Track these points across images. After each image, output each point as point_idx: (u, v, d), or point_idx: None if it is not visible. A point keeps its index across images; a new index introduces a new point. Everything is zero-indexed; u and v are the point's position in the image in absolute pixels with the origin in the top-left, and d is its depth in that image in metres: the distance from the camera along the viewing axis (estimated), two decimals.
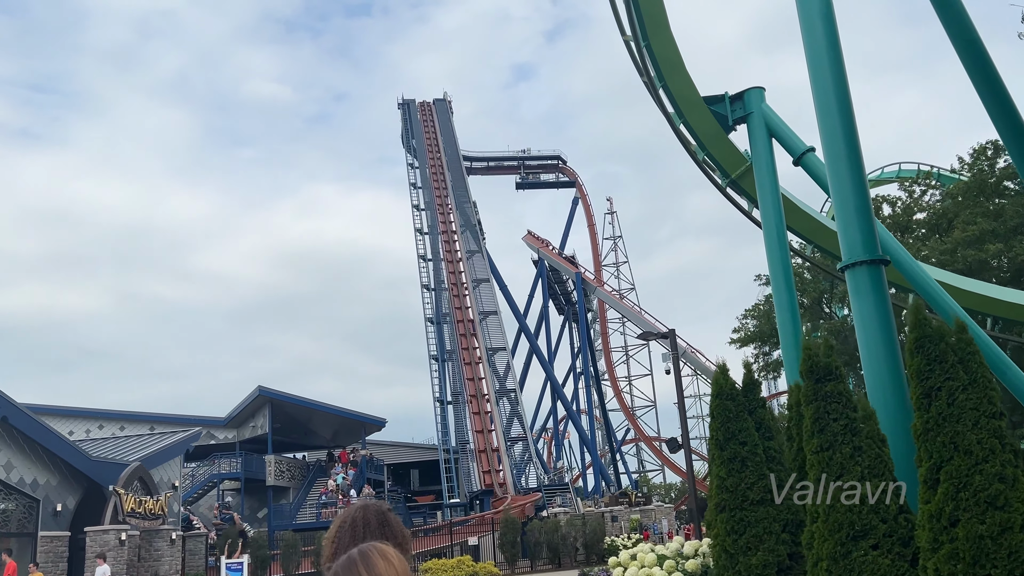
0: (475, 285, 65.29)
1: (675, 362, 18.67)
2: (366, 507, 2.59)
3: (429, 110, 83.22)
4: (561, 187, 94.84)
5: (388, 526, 2.52)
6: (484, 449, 54.89)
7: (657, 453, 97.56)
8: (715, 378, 10.97)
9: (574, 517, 36.82)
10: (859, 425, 8.72)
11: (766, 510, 10.04)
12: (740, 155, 18.27)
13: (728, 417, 10.50)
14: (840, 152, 10.95)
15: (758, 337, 30.62)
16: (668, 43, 16.94)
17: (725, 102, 17.61)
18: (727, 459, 10.36)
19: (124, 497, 22.68)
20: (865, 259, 10.43)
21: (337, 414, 45.38)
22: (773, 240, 16.68)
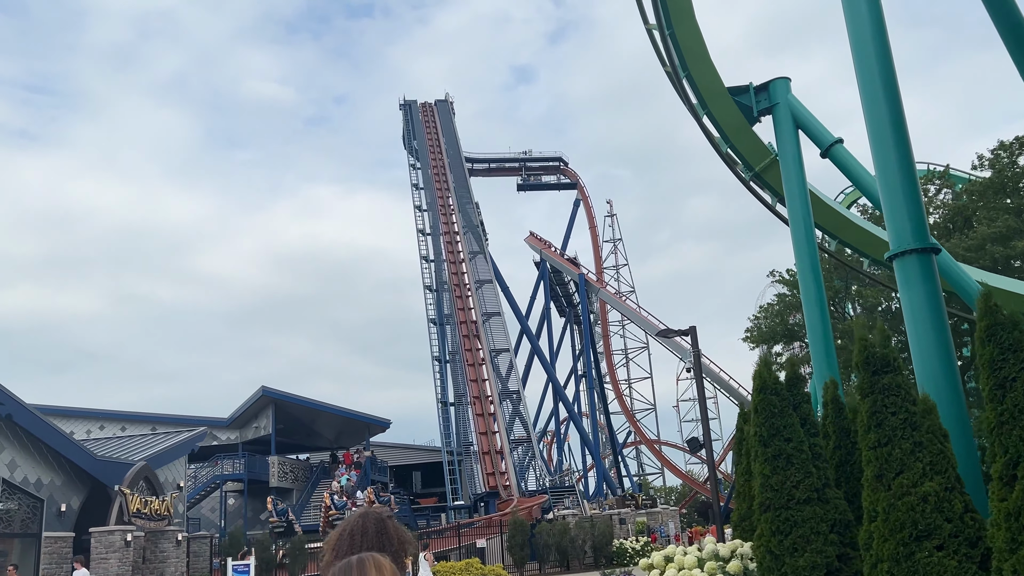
0: (478, 286, 64.91)
1: (696, 359, 18.25)
2: (366, 515, 2.67)
3: (431, 111, 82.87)
4: (562, 189, 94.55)
5: (386, 534, 2.59)
6: (488, 451, 54.40)
7: (658, 455, 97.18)
8: (757, 372, 10.54)
9: (582, 520, 36.37)
10: (919, 419, 8.30)
11: (813, 509, 9.60)
12: (764, 147, 17.90)
13: (772, 412, 10.07)
14: (887, 137, 10.52)
15: (771, 336, 30.19)
16: (693, 32, 16.55)
17: (750, 93, 17.22)
18: (771, 456, 9.93)
19: (130, 497, 22.20)
20: (916, 247, 10.02)
21: (341, 415, 44.90)
22: (800, 234, 16.29)
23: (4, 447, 20.48)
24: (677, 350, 72.60)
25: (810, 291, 15.95)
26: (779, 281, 32.00)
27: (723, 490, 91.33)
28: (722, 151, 17.78)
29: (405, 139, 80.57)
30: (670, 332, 18.73)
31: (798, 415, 10.21)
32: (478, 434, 54.90)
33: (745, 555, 11.24)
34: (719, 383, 74.03)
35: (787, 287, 31.00)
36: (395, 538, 2.64)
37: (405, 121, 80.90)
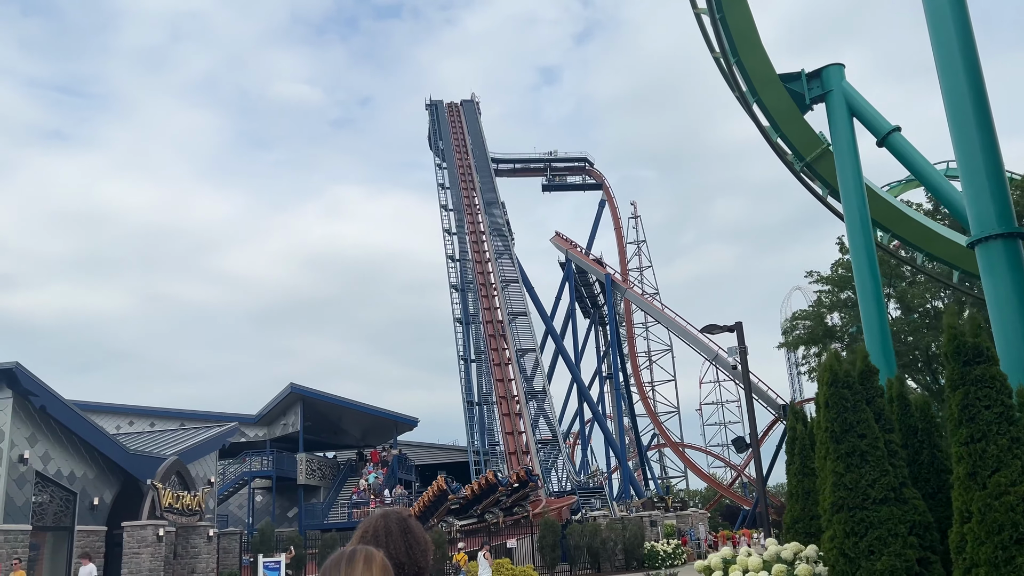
0: (504, 286, 64.56)
1: (742, 356, 17.70)
2: (387, 515, 2.58)
3: (457, 111, 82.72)
4: (588, 189, 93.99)
5: (410, 533, 2.52)
6: (515, 451, 53.96)
7: (683, 458, 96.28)
8: (827, 365, 10.01)
9: (613, 521, 35.80)
10: (1016, 414, 7.75)
11: (890, 510, 9.06)
12: (816, 137, 17.30)
13: (844, 407, 9.54)
14: (968, 117, 9.96)
15: (810, 338, 29.46)
16: (744, 16, 16.01)
17: (802, 80, 16.65)
18: (844, 453, 9.40)
19: (162, 492, 21.99)
20: (1000, 232, 9.44)
21: (369, 412, 44.63)
22: (856, 226, 15.71)
23: (38, 439, 20.33)
24: (705, 351, 71.71)
25: (867, 285, 15.36)
26: (818, 280, 31.25)
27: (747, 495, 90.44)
28: (772, 140, 17.21)
29: (431, 139, 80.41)
30: (715, 328, 18.17)
31: (871, 410, 9.67)
32: (504, 434, 54.51)
33: (810, 558, 10.71)
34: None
35: (827, 285, 30.26)
36: (420, 538, 2.57)
37: (431, 121, 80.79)
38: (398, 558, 2.46)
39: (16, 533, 19.02)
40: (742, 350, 17.74)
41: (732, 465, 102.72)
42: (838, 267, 31.38)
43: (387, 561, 2.30)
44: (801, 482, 14.62)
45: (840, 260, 32.35)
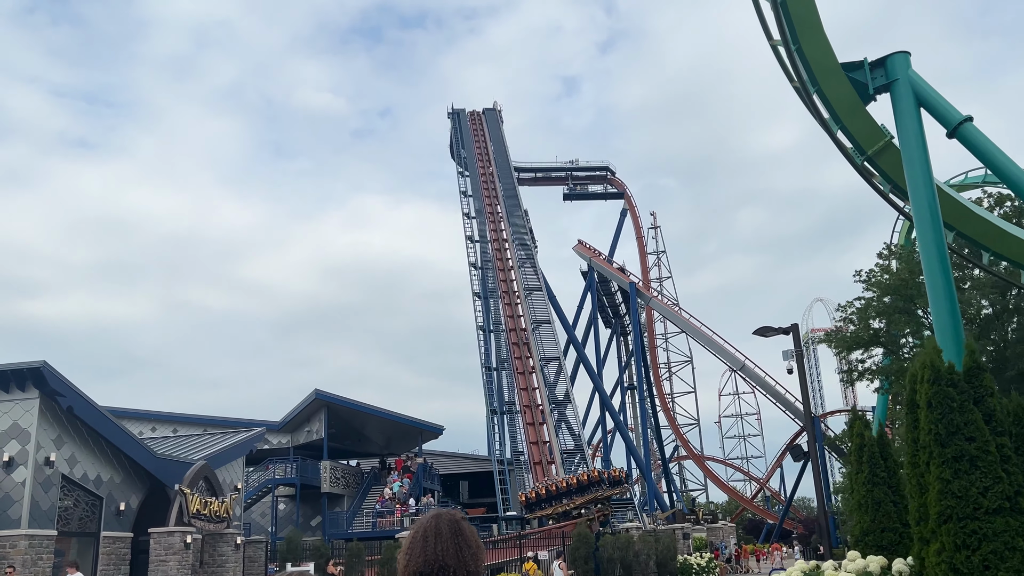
0: (527, 294, 63.86)
1: (798, 360, 16.88)
2: (438, 516, 2.53)
3: (479, 119, 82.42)
4: (609, 198, 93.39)
5: (462, 535, 2.48)
6: (539, 460, 53.08)
7: (706, 471, 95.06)
8: (925, 361, 9.20)
9: (646, 534, 34.86)
10: None
11: (1005, 520, 8.22)
12: (878, 129, 16.45)
13: (949, 407, 8.71)
14: None
15: (856, 342, 28.45)
16: (806, 2, 15.26)
17: (864, 68, 15.86)
18: (951, 458, 8.56)
19: (190, 497, 21.35)
20: None
21: (394, 420, 43.93)
22: (926, 222, 14.87)
23: (64, 442, 19.75)
24: (731, 361, 70.68)
25: (938, 285, 14.50)
26: (863, 282, 30.27)
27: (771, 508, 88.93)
28: (833, 133, 16.38)
29: (453, 147, 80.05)
30: (769, 330, 17.33)
31: (980, 411, 8.84)
32: (528, 443, 53.64)
33: (903, 572, 9.87)
34: (774, 395, 71.83)
35: (874, 289, 29.27)
36: (472, 541, 2.51)
37: (453, 129, 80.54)
38: (445, 560, 2.41)
39: (41, 538, 18.43)
40: (798, 352, 16.90)
41: (754, 478, 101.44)
42: (883, 272, 30.41)
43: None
44: (871, 492, 13.76)
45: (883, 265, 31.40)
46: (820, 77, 15.73)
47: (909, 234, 46.15)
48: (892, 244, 45.90)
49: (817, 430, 70.22)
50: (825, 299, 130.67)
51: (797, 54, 15.64)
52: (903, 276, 26.64)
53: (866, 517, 13.53)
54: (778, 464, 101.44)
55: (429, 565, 2.41)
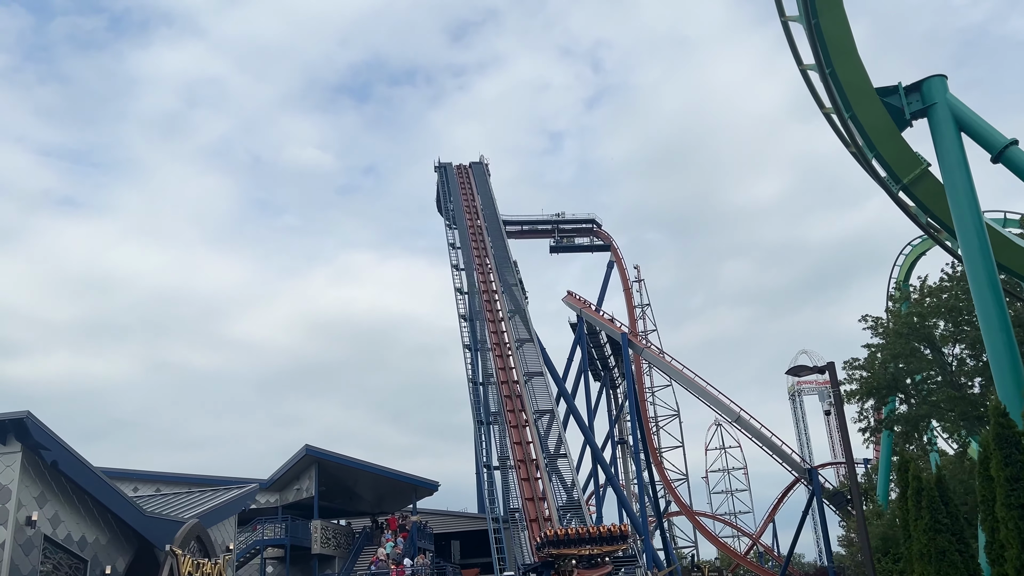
0: (518, 345, 62.88)
1: (837, 399, 15.93)
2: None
3: (466, 173, 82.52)
4: (595, 251, 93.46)
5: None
6: (535, 518, 51.38)
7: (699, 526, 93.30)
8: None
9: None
10: None
11: None
12: (914, 156, 15.87)
13: None
14: None
15: (872, 389, 27.54)
16: (839, 22, 14.74)
17: (899, 93, 15.33)
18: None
19: (181, 559, 19.85)
20: None
21: (388, 476, 42.33)
22: (974, 250, 14.14)
23: (48, 499, 18.30)
24: (726, 412, 69.55)
25: (991, 317, 13.73)
26: (871, 328, 29.55)
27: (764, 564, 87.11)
28: (867, 159, 15.77)
29: (440, 201, 79.85)
30: (803, 369, 16.44)
31: None
32: (524, 500, 52.00)
33: None
34: (769, 446, 70.55)
35: (881, 336, 28.55)
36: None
37: (440, 183, 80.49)
38: None
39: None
40: (836, 393, 15.99)
41: (746, 533, 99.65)
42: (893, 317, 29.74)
43: None
44: (934, 540, 12.74)
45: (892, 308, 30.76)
46: (854, 101, 15.17)
47: (909, 273, 45.92)
48: (891, 289, 45.60)
49: (815, 482, 69.03)
50: (810, 351, 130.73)
51: (831, 77, 15.09)
52: (920, 313, 25.94)
53: (930, 568, 12.51)
54: (770, 519, 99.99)
55: None
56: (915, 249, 46.86)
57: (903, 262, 47.12)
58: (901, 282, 44.23)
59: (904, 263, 47.00)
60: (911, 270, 46.00)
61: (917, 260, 46.39)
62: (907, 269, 46.62)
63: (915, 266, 45.90)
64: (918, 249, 46.68)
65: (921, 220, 16.37)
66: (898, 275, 47.11)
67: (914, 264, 46.31)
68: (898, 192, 16.04)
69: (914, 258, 46.44)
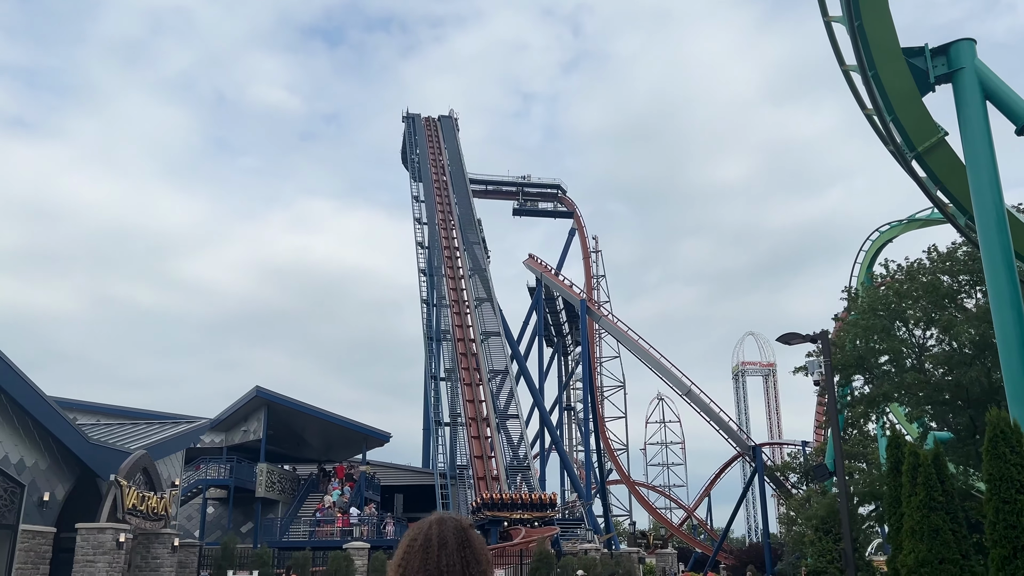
0: (477, 304, 62.13)
1: (828, 370, 15.49)
2: (442, 522, 2.10)
3: (434, 125, 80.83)
4: (559, 217, 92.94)
5: (470, 547, 2.04)
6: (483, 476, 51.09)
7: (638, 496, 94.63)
8: None
9: (606, 557, 33.17)
10: None
11: None
12: (932, 123, 15.25)
13: None
14: None
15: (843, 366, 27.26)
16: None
17: (925, 55, 14.66)
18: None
19: (126, 490, 18.75)
20: None
21: (340, 424, 41.35)
22: (990, 223, 13.61)
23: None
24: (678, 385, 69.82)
25: (1003, 296, 13.24)
26: (851, 299, 29.41)
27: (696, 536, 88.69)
28: (883, 123, 15.12)
29: (405, 152, 78.23)
30: (795, 337, 15.93)
31: None
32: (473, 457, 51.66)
33: None
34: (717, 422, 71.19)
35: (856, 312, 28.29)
36: (482, 555, 2.05)
37: (408, 133, 78.76)
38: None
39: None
40: (827, 363, 15.53)
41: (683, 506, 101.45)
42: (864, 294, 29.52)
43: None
44: (927, 517, 12.32)
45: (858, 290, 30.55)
46: (879, 60, 14.47)
47: (874, 259, 46.10)
48: (847, 288, 45.62)
49: (759, 460, 70.00)
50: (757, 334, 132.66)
51: (858, 32, 14.35)
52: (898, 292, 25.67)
53: (922, 546, 12.09)
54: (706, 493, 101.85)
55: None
56: (882, 235, 47.03)
57: (869, 248, 47.26)
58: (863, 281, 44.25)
59: (870, 249, 47.14)
60: (876, 256, 46.18)
61: (883, 247, 46.58)
62: (872, 255, 46.78)
63: (881, 252, 46.07)
64: (885, 236, 46.87)
65: (931, 192, 15.85)
66: (863, 260, 47.29)
67: (880, 250, 46.48)
68: (911, 160, 15.47)
69: (881, 244, 46.59)
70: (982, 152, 13.81)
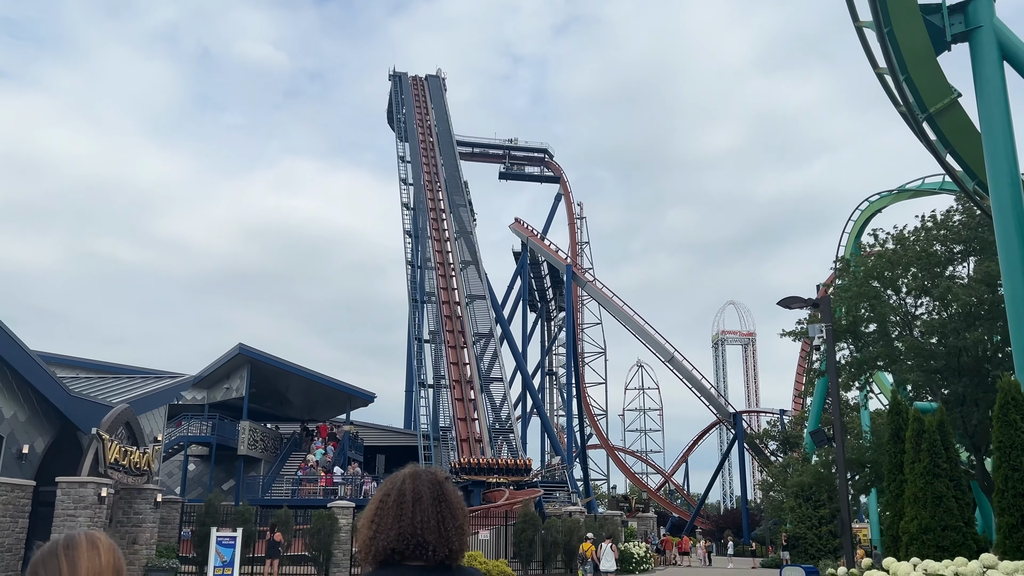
0: (463, 267, 61.70)
1: (829, 334, 15.23)
2: (416, 476, 1.98)
3: (422, 85, 79.53)
4: (545, 181, 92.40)
5: (445, 502, 1.93)
6: (467, 438, 51.09)
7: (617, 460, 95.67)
8: None
9: (590, 519, 33.20)
10: None
11: None
12: (945, 84, 14.87)
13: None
14: None
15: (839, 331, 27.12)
16: None
17: (943, 12, 14.23)
18: None
19: (108, 444, 18.31)
20: None
21: (324, 383, 40.99)
22: (1003, 185, 13.30)
23: None
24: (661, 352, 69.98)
25: (1015, 262, 12.97)
26: (841, 269, 29.27)
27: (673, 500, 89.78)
28: (896, 82, 14.71)
29: (391, 112, 77.09)
30: (795, 301, 15.65)
31: None
32: (456, 419, 51.64)
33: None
34: (699, 388, 71.56)
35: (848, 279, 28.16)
36: (458, 510, 1.94)
37: (394, 91, 77.47)
38: (423, 536, 1.85)
39: None
40: (828, 327, 15.28)
41: (660, 471, 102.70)
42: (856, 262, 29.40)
43: (113, 543, 1.79)
44: (931, 484, 12.14)
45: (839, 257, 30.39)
46: (895, 16, 14.03)
47: (863, 229, 45.99)
48: (838, 257, 45.42)
49: (739, 427, 70.54)
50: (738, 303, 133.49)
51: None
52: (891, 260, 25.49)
53: (925, 513, 11.91)
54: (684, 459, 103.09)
55: (404, 540, 1.83)
56: (872, 205, 46.87)
57: (859, 217, 47.13)
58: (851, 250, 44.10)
59: (859, 218, 47.01)
60: (865, 225, 46.06)
61: (872, 216, 46.44)
62: (861, 225, 46.67)
63: (870, 222, 45.95)
64: (875, 206, 46.71)
65: (941, 155, 15.51)
66: (852, 229, 47.19)
67: (869, 220, 46.36)
68: (922, 121, 15.11)
69: (870, 214, 46.44)
70: (998, 114, 13.47)
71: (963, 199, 30.15)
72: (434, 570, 1.87)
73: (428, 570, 1.86)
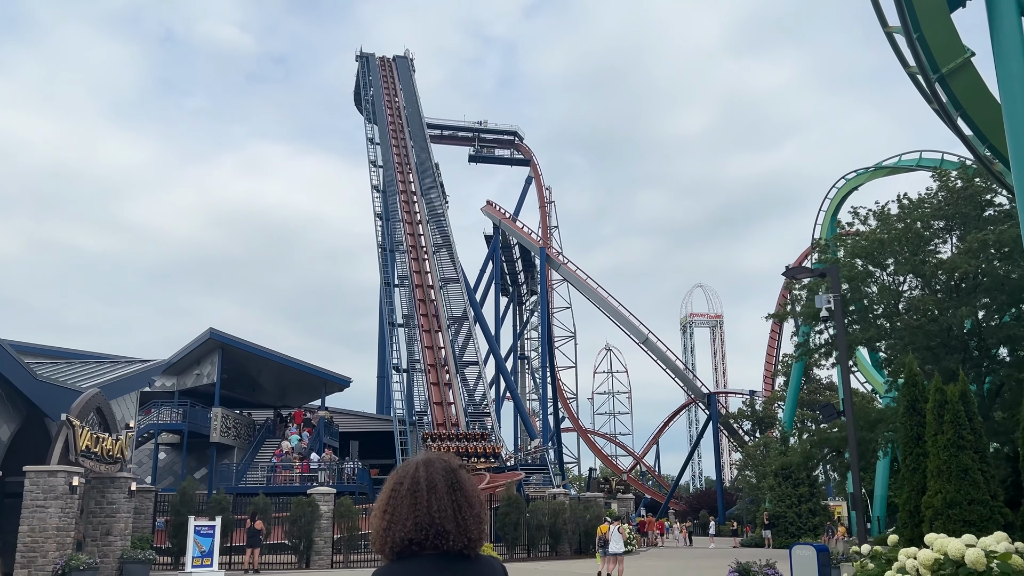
0: (436, 250, 60.81)
1: (837, 305, 14.72)
2: (430, 464, 1.92)
3: (390, 66, 78.08)
4: (515, 164, 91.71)
5: (461, 490, 1.90)
6: (443, 422, 50.42)
7: (589, 443, 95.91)
8: None
9: (576, 502, 32.73)
10: None
11: None
12: (959, 43, 14.36)
13: None
14: None
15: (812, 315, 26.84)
16: None
17: None
18: None
19: (79, 431, 17.30)
20: None
21: (298, 368, 39.94)
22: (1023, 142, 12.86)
23: None
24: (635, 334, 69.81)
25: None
26: (820, 249, 28.94)
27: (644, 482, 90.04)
28: (910, 40, 14.15)
29: (359, 94, 75.63)
30: (801, 271, 15.15)
31: None
32: (432, 403, 50.93)
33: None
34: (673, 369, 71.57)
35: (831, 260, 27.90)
36: (474, 499, 1.91)
37: (361, 73, 75.98)
38: (441, 524, 1.81)
39: None
40: (836, 298, 14.79)
41: (632, 453, 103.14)
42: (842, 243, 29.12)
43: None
44: (956, 457, 11.66)
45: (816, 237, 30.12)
46: None
47: (839, 207, 45.90)
48: (816, 238, 45.23)
49: (713, 407, 70.68)
50: (706, 286, 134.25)
51: None
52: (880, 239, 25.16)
53: (950, 487, 11.44)
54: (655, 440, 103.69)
55: (422, 530, 1.79)
56: (848, 183, 46.80)
57: (835, 195, 47.05)
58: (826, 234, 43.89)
59: (836, 196, 46.94)
60: (842, 204, 45.99)
61: (849, 194, 46.38)
62: (838, 203, 46.60)
63: (846, 200, 45.87)
64: (851, 183, 46.63)
65: (952, 117, 15.03)
66: (828, 208, 47.10)
67: (845, 198, 46.29)
68: (934, 82, 14.60)
69: (846, 192, 46.37)
70: (1017, 73, 12.97)
71: (940, 175, 29.68)
72: (454, 560, 1.80)
73: (449, 559, 1.79)
